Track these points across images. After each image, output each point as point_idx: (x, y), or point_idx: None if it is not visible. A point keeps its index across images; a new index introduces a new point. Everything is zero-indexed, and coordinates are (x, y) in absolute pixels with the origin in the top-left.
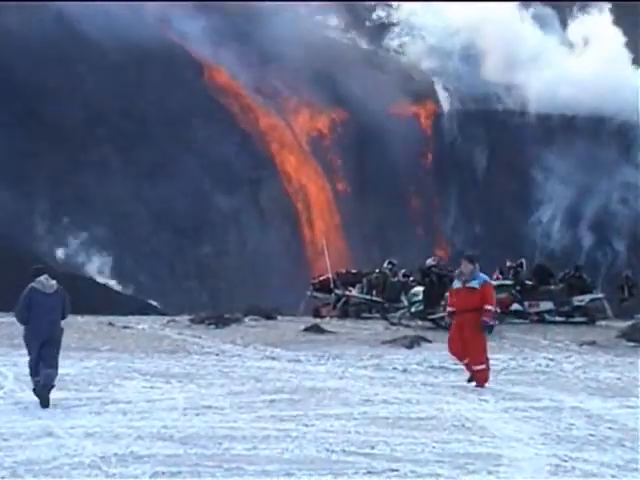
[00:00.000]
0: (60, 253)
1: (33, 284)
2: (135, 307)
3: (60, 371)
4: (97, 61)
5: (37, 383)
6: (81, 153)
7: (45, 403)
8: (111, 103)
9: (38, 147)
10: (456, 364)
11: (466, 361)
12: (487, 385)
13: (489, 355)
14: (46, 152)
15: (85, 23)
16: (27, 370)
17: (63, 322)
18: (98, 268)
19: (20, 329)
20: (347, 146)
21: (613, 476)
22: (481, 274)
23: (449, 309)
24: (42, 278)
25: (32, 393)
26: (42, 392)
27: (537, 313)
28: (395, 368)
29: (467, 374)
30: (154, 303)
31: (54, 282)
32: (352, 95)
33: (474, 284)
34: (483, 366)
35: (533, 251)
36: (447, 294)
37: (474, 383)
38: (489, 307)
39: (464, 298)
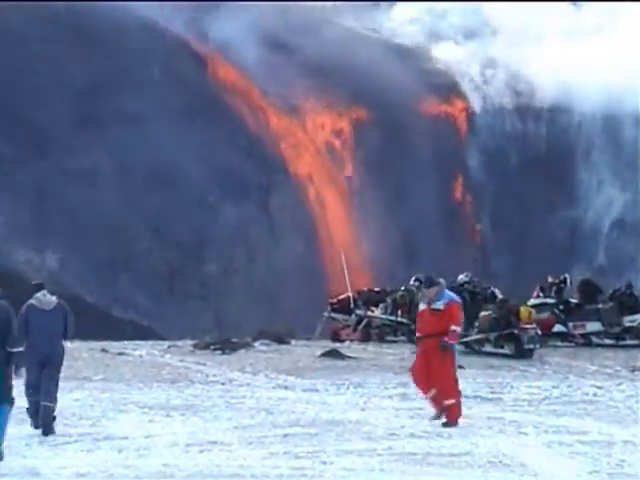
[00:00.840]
0: (45, 271)
1: (30, 300)
2: (131, 331)
3: None
4: (86, 55)
5: (32, 403)
6: (69, 159)
7: (48, 430)
8: (103, 102)
9: (21, 153)
10: (493, 392)
11: (431, 394)
12: (460, 423)
13: (529, 383)
14: (30, 158)
15: (71, 13)
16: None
17: (66, 341)
18: (89, 288)
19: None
20: (369, 148)
21: None
22: (448, 293)
23: (417, 334)
24: (39, 294)
25: (11, 434)
26: (42, 414)
27: (583, 335)
28: (423, 398)
29: (433, 410)
30: (153, 326)
31: (53, 298)
32: (373, 93)
33: (438, 305)
34: (453, 400)
35: (569, 258)
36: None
37: (444, 420)
38: (454, 327)
39: (428, 321)
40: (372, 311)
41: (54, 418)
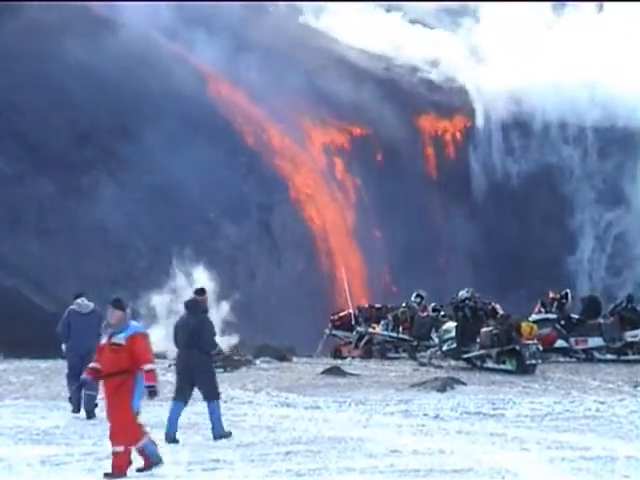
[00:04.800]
0: (45, 289)
1: (72, 306)
2: None
3: (48, 423)
4: (84, 72)
5: (73, 392)
6: (69, 177)
7: (91, 415)
8: (102, 120)
9: (19, 171)
10: (495, 409)
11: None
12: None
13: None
14: (29, 176)
15: (68, 28)
16: (9, 422)
17: None
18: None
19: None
20: (369, 166)
21: None
22: (133, 323)
23: (92, 365)
24: (79, 300)
25: (11, 453)
26: (85, 402)
27: (585, 350)
28: (426, 414)
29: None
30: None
31: (91, 304)
32: (373, 109)
33: (119, 338)
34: (121, 448)
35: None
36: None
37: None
38: (149, 367)
39: (108, 357)
40: (373, 328)
41: (96, 405)
